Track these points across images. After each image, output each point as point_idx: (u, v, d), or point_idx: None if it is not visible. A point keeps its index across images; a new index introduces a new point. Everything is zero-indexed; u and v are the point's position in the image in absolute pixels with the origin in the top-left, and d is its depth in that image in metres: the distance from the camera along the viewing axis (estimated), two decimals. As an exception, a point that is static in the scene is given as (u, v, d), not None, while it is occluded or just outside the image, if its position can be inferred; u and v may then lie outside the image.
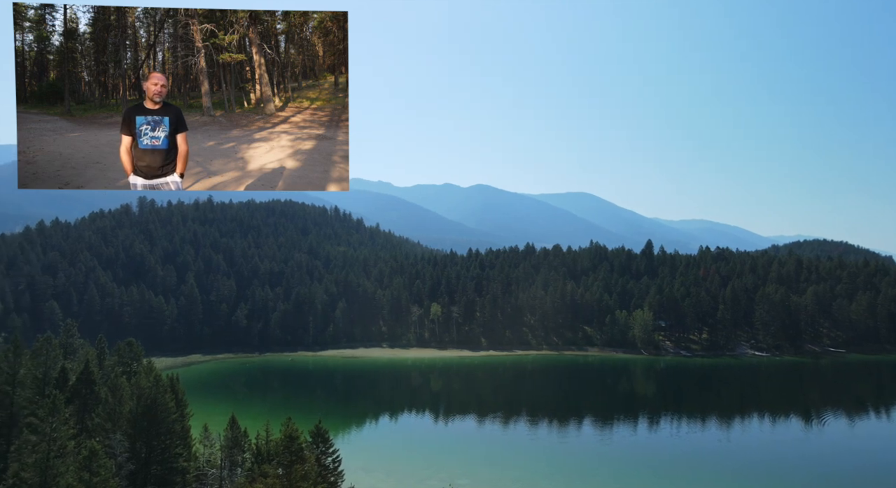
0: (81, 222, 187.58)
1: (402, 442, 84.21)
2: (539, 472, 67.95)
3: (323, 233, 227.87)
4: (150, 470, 41.73)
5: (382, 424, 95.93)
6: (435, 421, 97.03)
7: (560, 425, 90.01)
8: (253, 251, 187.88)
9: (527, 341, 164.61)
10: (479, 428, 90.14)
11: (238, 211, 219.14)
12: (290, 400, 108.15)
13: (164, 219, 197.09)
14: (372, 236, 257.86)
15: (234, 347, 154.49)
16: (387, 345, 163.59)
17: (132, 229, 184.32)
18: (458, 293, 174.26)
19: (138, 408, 42.96)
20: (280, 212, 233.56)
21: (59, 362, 51.23)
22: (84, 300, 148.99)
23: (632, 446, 79.71)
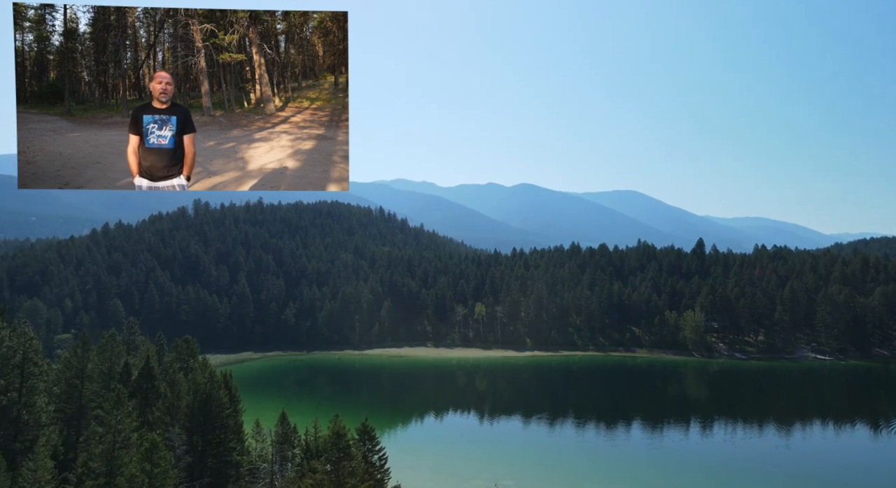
0: (142, 224, 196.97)
1: (447, 441, 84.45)
2: (586, 475, 66.80)
3: (368, 234, 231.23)
4: (206, 463, 43.32)
5: (428, 423, 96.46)
6: (480, 421, 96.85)
7: (608, 427, 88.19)
8: (301, 251, 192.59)
9: (573, 342, 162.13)
10: (525, 428, 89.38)
11: (286, 212, 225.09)
12: (338, 398, 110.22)
13: (218, 220, 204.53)
14: (416, 236, 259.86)
15: (284, 345, 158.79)
16: (431, 345, 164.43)
17: (188, 231, 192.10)
18: (503, 293, 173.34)
19: (195, 403, 44.68)
20: (327, 212, 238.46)
21: (122, 358, 53.86)
22: (145, 298, 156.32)
23: (683, 451, 77.25)
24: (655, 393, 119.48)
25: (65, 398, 45.53)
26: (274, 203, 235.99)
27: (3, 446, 36.03)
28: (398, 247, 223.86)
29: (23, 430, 39.19)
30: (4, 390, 39.56)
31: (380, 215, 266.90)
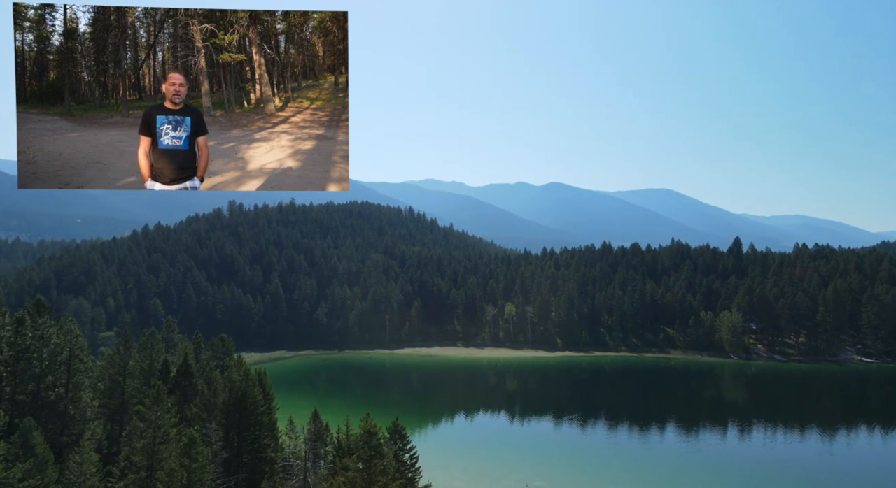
0: (179, 225, 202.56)
1: (477, 441, 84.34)
2: (619, 478, 65.81)
3: (398, 234, 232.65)
4: (241, 459, 44.29)
5: (458, 423, 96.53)
6: (511, 421, 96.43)
7: (641, 430, 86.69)
8: (332, 251, 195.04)
9: (604, 342, 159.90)
10: (556, 429, 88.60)
11: (318, 213, 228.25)
12: (369, 397, 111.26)
13: (251, 221, 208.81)
14: (446, 236, 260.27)
15: (316, 344, 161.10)
16: (462, 345, 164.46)
17: (223, 231, 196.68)
18: (533, 293, 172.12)
19: (231, 400, 45.73)
20: (357, 213, 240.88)
21: (161, 355, 55.50)
22: (182, 298, 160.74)
23: (720, 455, 75.37)
24: (691, 395, 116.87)
25: (108, 394, 47.18)
26: (306, 204, 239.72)
27: (50, 439, 37.52)
28: (428, 246, 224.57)
29: (69, 424, 40.77)
30: (52, 386, 41.23)
31: (409, 215, 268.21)
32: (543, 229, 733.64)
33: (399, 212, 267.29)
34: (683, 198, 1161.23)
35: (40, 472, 30.66)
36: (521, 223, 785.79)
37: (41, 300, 49.76)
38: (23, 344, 40.52)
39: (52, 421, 40.04)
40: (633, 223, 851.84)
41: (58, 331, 43.22)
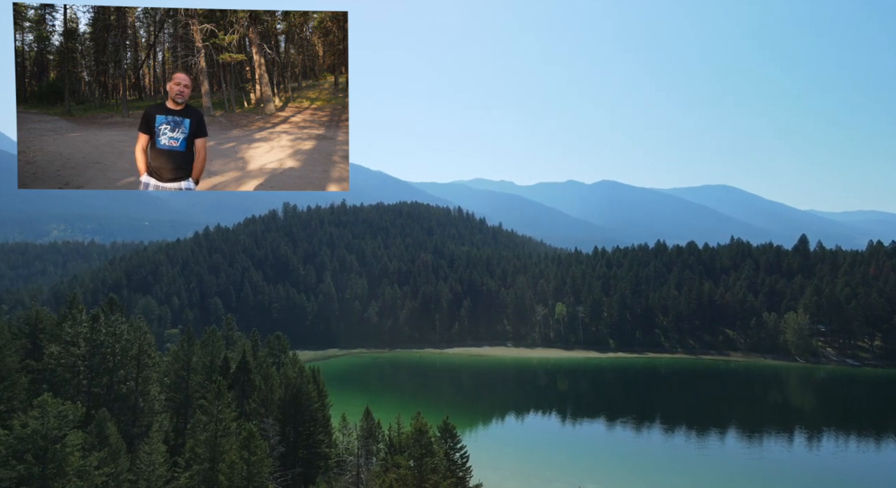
0: (237, 227, 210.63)
1: (528, 441, 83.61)
2: (675, 483, 63.71)
3: (447, 234, 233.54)
4: (297, 454, 45.61)
5: (509, 423, 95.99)
6: (562, 422, 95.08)
7: (699, 434, 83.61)
8: (382, 251, 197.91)
9: (659, 343, 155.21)
10: (609, 431, 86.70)
11: (368, 213, 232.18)
12: (419, 395, 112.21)
13: (305, 222, 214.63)
14: (495, 235, 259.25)
15: (367, 343, 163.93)
16: (511, 344, 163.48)
17: (278, 232, 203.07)
18: (584, 292, 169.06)
19: (286, 396, 47.17)
20: (406, 213, 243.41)
21: (222, 352, 57.85)
22: (240, 296, 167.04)
23: (786, 463, 71.69)
24: (753, 399, 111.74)
25: (174, 388, 49.57)
26: (357, 205, 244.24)
27: (122, 430, 39.78)
28: (477, 246, 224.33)
29: (139, 416, 43.10)
30: (124, 379, 43.71)
31: (458, 215, 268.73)
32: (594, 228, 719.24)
33: (448, 211, 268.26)
34: (744, 195, 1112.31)
35: (114, 461, 32.54)
36: (571, 222, 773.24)
37: (113, 298, 52.87)
38: (97, 339, 43.15)
39: (123, 412, 42.44)
40: (690, 221, 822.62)
41: (128, 327, 45.78)
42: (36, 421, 28.54)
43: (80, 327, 44.21)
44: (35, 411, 29.23)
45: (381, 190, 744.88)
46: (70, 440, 29.12)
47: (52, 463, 28.20)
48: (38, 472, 27.91)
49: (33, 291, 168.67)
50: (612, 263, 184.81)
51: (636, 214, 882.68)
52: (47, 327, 47.69)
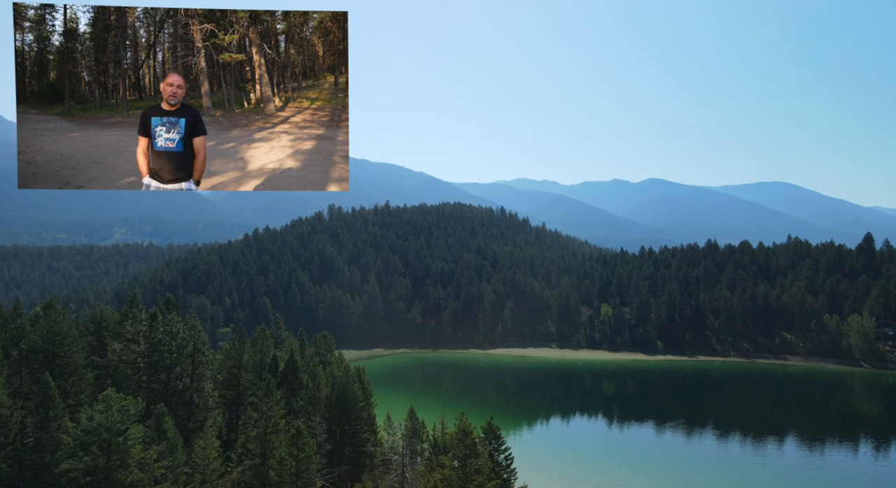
0: (285, 229, 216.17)
1: (574, 444, 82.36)
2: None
3: (490, 234, 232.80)
4: (343, 452, 46.41)
5: (554, 425, 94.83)
6: (609, 425, 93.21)
7: (755, 442, 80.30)
8: (425, 252, 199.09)
9: (711, 346, 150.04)
10: (659, 436, 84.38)
11: (411, 214, 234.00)
12: (463, 396, 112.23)
13: (349, 223, 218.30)
14: (538, 235, 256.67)
15: (411, 343, 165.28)
16: (556, 346, 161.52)
17: (324, 233, 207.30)
18: (631, 293, 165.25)
19: (333, 395, 48.09)
20: (449, 214, 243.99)
21: (271, 351, 59.55)
22: (288, 297, 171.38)
23: (851, 473, 67.96)
24: (814, 405, 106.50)
25: (226, 385, 51.33)
26: (400, 206, 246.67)
27: (179, 425, 41.47)
28: (520, 246, 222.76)
29: (194, 412, 44.83)
30: (180, 376, 45.56)
31: (501, 215, 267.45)
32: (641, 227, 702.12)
33: (490, 212, 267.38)
34: (802, 192, 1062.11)
35: (171, 454, 33.96)
36: (616, 221, 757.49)
37: (170, 298, 55.19)
38: (156, 337, 45.16)
39: (179, 408, 44.24)
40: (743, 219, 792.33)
41: (183, 326, 47.71)
42: (101, 414, 30.08)
43: (139, 326, 46.38)
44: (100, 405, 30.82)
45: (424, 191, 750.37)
46: (132, 433, 30.56)
47: (116, 455, 29.67)
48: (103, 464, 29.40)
49: (98, 291, 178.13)
50: (659, 263, 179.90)
51: (685, 213, 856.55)
52: (110, 325, 50.24)
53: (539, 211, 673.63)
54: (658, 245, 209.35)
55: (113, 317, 52.59)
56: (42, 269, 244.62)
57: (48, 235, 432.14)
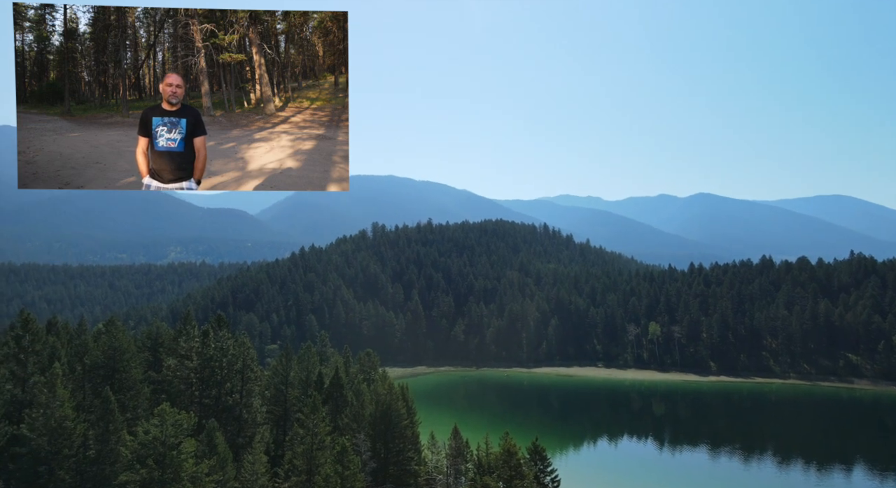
0: (330, 247, 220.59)
1: (623, 467, 79.62)
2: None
3: (533, 251, 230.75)
4: (388, 470, 46.38)
5: (601, 447, 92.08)
6: (660, 448, 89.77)
7: (820, 470, 75.58)
8: (468, 269, 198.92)
9: (768, 367, 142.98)
10: (713, 461, 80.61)
11: (454, 232, 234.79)
12: (507, 415, 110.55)
13: (392, 241, 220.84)
14: (582, 252, 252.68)
15: (454, 361, 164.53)
16: (602, 365, 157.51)
17: (367, 251, 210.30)
18: (680, 311, 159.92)
19: (377, 413, 48.29)
20: (492, 231, 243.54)
21: (316, 367, 60.48)
22: (333, 314, 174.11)
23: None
24: (884, 432, 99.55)
25: (273, 401, 52.35)
26: (442, 223, 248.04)
27: (229, 440, 42.48)
28: (564, 263, 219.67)
29: (244, 427, 45.86)
30: (230, 392, 46.79)
31: (544, 232, 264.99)
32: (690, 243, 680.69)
33: (533, 229, 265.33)
34: (865, 205, 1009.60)
35: (221, 469, 34.78)
36: (664, 237, 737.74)
37: (221, 315, 57.01)
38: (207, 354, 46.65)
39: (229, 423, 45.37)
40: (800, 234, 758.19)
41: (233, 343, 49.13)
42: (156, 428, 31.19)
43: (192, 342, 48.03)
44: (155, 419, 31.97)
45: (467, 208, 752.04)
46: (185, 447, 31.51)
47: (170, 468, 30.63)
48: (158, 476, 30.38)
49: (154, 308, 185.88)
50: (710, 281, 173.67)
51: (736, 229, 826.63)
52: (166, 342, 52.23)
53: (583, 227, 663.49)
54: (708, 261, 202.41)
55: (168, 334, 54.68)
56: (105, 288, 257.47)
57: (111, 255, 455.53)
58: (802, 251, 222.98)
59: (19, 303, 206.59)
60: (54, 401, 34.67)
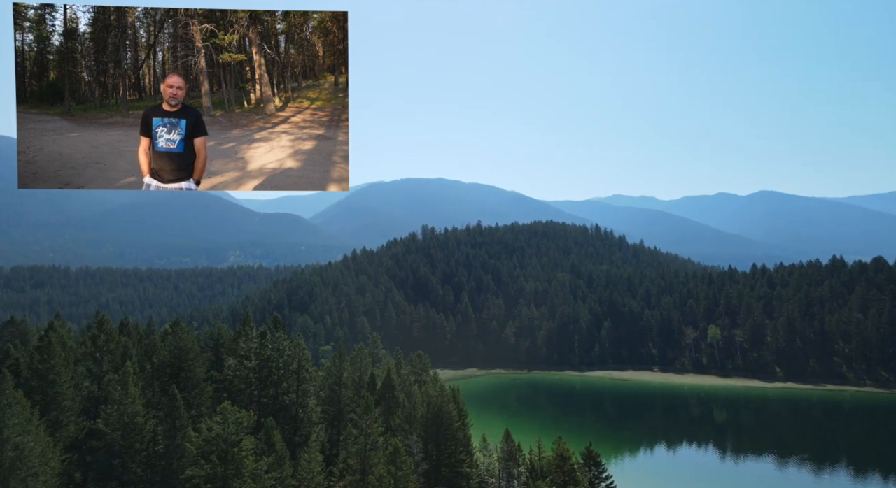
0: (381, 249, 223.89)
1: (683, 476, 76.83)
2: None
3: (584, 253, 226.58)
4: (440, 472, 46.53)
5: (659, 454, 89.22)
6: (721, 457, 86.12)
7: (900, 485, 70.49)
8: (518, 271, 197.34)
9: (841, 374, 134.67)
10: (781, 471, 76.60)
11: (504, 234, 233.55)
12: (560, 419, 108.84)
13: (442, 243, 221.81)
14: (636, 253, 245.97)
15: (505, 363, 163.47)
16: (658, 369, 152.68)
17: (418, 254, 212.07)
18: (742, 314, 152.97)
19: (429, 414, 48.56)
20: (542, 232, 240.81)
21: (369, 369, 61.45)
22: (384, 316, 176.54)
23: None
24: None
25: (328, 401, 53.54)
26: (492, 225, 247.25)
27: (286, 438, 43.75)
28: (616, 265, 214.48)
29: (300, 427, 47.13)
30: (286, 392, 48.19)
31: (596, 233, 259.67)
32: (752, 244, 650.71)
33: (585, 230, 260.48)
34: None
35: (279, 467, 35.86)
36: (723, 238, 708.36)
37: (277, 317, 58.83)
38: (265, 354, 48.23)
39: (286, 422, 46.72)
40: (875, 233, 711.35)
41: (289, 344, 50.59)
42: (219, 425, 32.49)
43: (251, 343, 49.79)
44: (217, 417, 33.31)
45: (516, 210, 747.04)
46: (245, 445, 32.69)
47: (232, 464, 31.84)
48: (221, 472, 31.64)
49: (216, 310, 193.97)
50: (774, 282, 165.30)
51: (802, 227, 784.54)
52: (226, 342, 54.37)
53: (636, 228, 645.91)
54: (772, 262, 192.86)
55: (228, 335, 56.90)
56: (170, 290, 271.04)
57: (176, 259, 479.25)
58: (877, 251, 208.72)
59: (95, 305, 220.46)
60: (127, 398, 36.72)
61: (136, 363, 45.24)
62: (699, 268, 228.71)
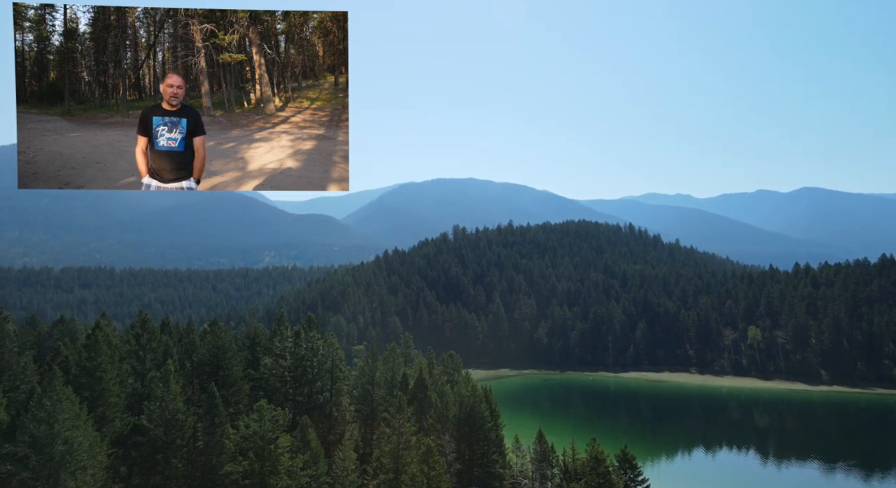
0: (412, 250, 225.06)
1: (722, 481, 74.85)
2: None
3: (618, 252, 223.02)
4: (472, 472, 46.49)
5: (697, 458, 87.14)
6: (763, 462, 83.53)
7: (956, 495, 67.08)
8: (550, 271, 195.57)
9: (891, 377, 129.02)
10: (827, 477, 73.86)
11: (535, 233, 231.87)
12: (593, 421, 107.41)
13: (473, 243, 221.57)
14: (671, 253, 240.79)
15: (538, 363, 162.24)
16: (695, 371, 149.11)
17: (449, 254, 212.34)
18: (784, 315, 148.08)
19: (461, 414, 48.56)
20: (574, 232, 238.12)
21: (401, 368, 61.80)
22: (416, 316, 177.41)
23: None
24: None
25: (361, 400, 54.09)
26: (523, 225, 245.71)
27: (320, 436, 44.40)
28: (651, 264, 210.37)
29: (333, 425, 47.78)
30: (321, 390, 48.91)
31: (630, 232, 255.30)
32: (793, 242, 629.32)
33: (618, 229, 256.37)
34: None
35: (314, 464, 36.42)
36: (763, 236, 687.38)
37: (311, 317, 59.77)
38: (299, 353, 49.06)
39: (321, 420, 47.42)
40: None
41: (323, 343, 51.32)
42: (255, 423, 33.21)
43: (286, 342, 50.72)
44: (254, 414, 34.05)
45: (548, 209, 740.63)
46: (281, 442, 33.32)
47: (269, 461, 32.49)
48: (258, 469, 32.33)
49: (252, 310, 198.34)
50: (819, 282, 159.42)
51: (848, 225, 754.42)
52: (262, 341, 55.52)
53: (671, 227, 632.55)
54: (816, 261, 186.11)
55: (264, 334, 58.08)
56: (209, 290, 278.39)
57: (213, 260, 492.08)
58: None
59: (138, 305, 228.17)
60: (168, 395, 37.89)
61: (176, 361, 46.62)
62: (738, 268, 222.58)
